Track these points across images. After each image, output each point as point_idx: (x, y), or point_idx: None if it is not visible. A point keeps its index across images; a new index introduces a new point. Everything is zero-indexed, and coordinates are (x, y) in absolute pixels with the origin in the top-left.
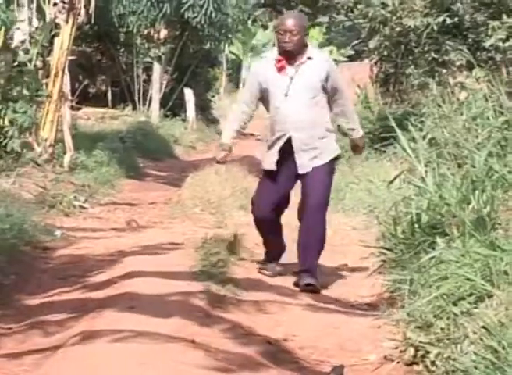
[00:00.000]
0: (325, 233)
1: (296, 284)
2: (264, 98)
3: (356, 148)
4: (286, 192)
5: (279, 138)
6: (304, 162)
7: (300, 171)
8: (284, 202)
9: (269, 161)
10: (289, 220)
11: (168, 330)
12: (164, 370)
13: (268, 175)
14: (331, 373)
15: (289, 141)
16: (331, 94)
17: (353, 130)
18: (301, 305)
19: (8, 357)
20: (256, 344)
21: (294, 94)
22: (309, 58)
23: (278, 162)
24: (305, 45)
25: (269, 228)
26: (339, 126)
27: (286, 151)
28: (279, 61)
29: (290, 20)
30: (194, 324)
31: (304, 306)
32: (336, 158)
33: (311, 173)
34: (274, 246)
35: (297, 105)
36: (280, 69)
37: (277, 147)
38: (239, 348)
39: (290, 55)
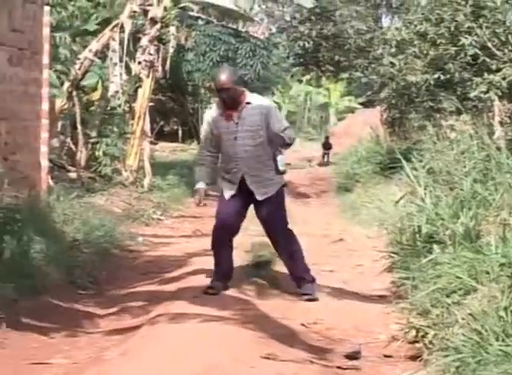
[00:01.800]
0: (297, 245)
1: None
2: (217, 141)
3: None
4: (242, 215)
5: (234, 174)
6: (258, 190)
7: (259, 198)
8: (239, 223)
9: (227, 192)
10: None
11: (224, 314)
12: (220, 345)
13: (225, 202)
14: (351, 348)
15: (242, 176)
16: (269, 134)
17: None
18: (327, 296)
19: (101, 334)
20: (292, 325)
21: (241, 137)
22: (247, 103)
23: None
24: (242, 93)
25: (227, 241)
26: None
27: (242, 184)
28: (225, 111)
29: (222, 78)
30: (245, 310)
31: (329, 297)
32: (283, 186)
33: (267, 202)
34: (226, 262)
35: (245, 146)
36: (227, 118)
37: (235, 181)
38: (279, 328)
39: (231, 105)
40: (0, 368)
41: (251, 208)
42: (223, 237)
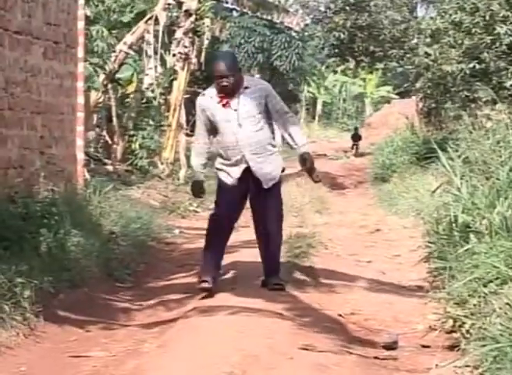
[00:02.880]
0: (282, 239)
1: (263, 285)
2: (212, 129)
3: (304, 162)
4: (242, 206)
5: (237, 162)
6: (266, 179)
7: (265, 186)
8: (239, 214)
9: (228, 181)
10: None
11: (261, 306)
12: (257, 337)
13: (224, 191)
14: (388, 338)
15: (247, 165)
16: (273, 117)
17: (296, 144)
18: (364, 287)
19: (139, 327)
20: (330, 316)
21: (241, 124)
22: (246, 87)
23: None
24: (241, 79)
25: (225, 232)
26: (291, 146)
27: (245, 173)
28: (222, 98)
29: (223, 65)
30: (282, 302)
31: (367, 288)
32: (281, 171)
33: (271, 189)
34: (219, 254)
35: (246, 132)
36: (225, 105)
37: (237, 169)
38: (316, 319)
39: (230, 92)
40: (39, 361)
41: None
42: (221, 228)
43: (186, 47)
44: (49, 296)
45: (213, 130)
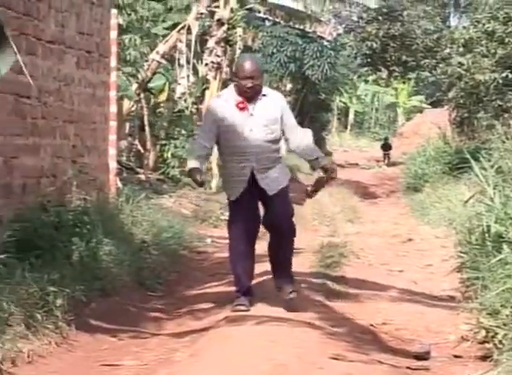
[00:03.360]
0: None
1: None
2: (221, 133)
3: (332, 170)
4: (258, 217)
5: (242, 169)
6: (269, 185)
7: (270, 193)
8: (258, 228)
9: (235, 192)
10: None
11: (292, 315)
12: (288, 346)
13: (236, 204)
14: (420, 348)
15: (252, 173)
16: (286, 133)
17: (317, 159)
18: (396, 297)
19: (170, 336)
20: (361, 326)
21: (255, 131)
22: (264, 95)
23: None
24: (261, 85)
25: (248, 251)
26: (309, 161)
27: (251, 181)
28: (241, 102)
29: (250, 66)
30: (314, 311)
31: (398, 297)
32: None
33: (277, 196)
34: (249, 275)
35: (257, 140)
36: (242, 108)
37: (243, 177)
38: (348, 329)
39: (250, 96)
40: (71, 370)
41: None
42: (243, 247)
43: (218, 56)
44: (81, 305)
45: (218, 134)
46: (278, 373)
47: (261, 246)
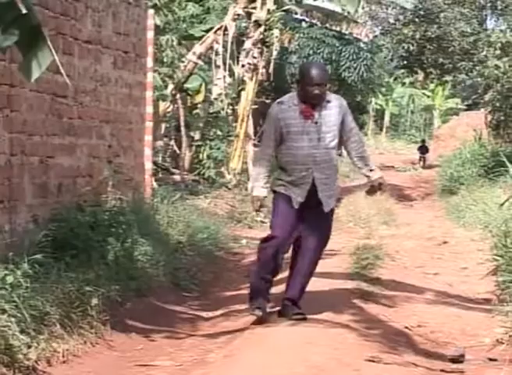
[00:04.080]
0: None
1: (280, 315)
2: (283, 140)
3: (376, 187)
4: (298, 231)
5: (303, 179)
6: (326, 201)
7: (326, 209)
8: (291, 241)
9: (292, 201)
10: None
11: (328, 317)
12: (323, 347)
13: (287, 209)
14: (455, 351)
15: (313, 183)
16: (345, 135)
17: (371, 170)
18: (431, 300)
19: (205, 337)
20: (396, 328)
21: (318, 139)
22: (328, 101)
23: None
24: (326, 92)
25: (277, 261)
26: (360, 168)
27: (310, 192)
28: (306, 108)
29: (318, 73)
30: (349, 313)
31: (433, 300)
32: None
33: (327, 214)
34: (270, 281)
35: (321, 148)
36: (307, 116)
37: (304, 187)
38: (383, 331)
39: (316, 103)
40: (106, 369)
41: None
42: (275, 256)
43: (254, 57)
44: (116, 305)
45: (281, 142)
46: (313, 374)
47: None
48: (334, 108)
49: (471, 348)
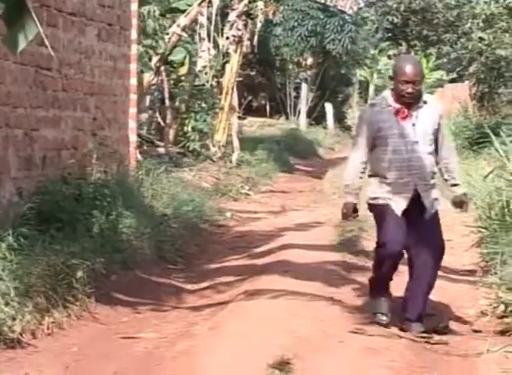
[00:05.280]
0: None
1: (402, 329)
2: (377, 144)
3: (458, 204)
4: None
5: (404, 185)
6: (431, 206)
7: (427, 216)
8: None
9: (399, 207)
10: None
11: (312, 289)
12: (308, 319)
13: (390, 216)
14: (439, 323)
15: (415, 188)
16: (439, 141)
17: (455, 185)
18: None
19: (190, 309)
20: None
21: (417, 142)
22: (424, 102)
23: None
24: (421, 90)
25: (392, 271)
26: (446, 180)
27: (414, 198)
28: (401, 109)
29: (412, 70)
30: (333, 285)
31: None
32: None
33: (433, 219)
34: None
35: (420, 152)
36: (403, 117)
37: (407, 193)
38: (367, 303)
39: (410, 102)
40: (91, 342)
41: None
42: (391, 268)
43: (239, 30)
44: (101, 277)
45: (375, 146)
46: (298, 346)
47: (290, 218)
48: (432, 110)
49: (455, 320)
